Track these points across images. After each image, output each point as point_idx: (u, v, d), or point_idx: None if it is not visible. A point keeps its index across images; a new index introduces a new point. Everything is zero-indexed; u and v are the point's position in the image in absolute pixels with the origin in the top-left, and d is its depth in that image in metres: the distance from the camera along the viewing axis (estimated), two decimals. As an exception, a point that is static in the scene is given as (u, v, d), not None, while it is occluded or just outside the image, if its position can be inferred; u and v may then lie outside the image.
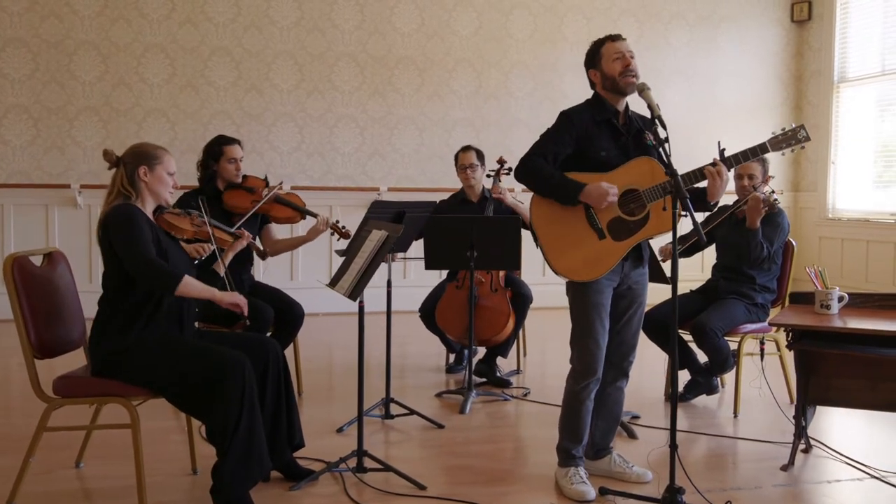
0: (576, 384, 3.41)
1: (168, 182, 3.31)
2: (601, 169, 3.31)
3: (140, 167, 3.25)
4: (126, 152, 3.33)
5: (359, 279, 3.37)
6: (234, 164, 4.62)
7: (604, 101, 3.39)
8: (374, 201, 4.45)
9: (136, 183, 3.25)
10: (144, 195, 3.29)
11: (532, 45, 8.37)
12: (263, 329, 4.38)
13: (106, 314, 3.20)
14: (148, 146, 3.35)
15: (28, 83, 7.32)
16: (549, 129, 3.38)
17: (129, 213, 3.17)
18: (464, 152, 5.46)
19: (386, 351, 4.49)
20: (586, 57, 3.44)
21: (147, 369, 3.11)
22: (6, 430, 4.18)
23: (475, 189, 5.45)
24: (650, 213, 3.32)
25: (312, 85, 7.87)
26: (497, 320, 5.11)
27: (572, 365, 3.44)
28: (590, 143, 3.32)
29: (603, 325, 3.35)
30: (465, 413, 4.62)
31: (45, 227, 7.35)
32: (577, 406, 3.42)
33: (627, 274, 3.41)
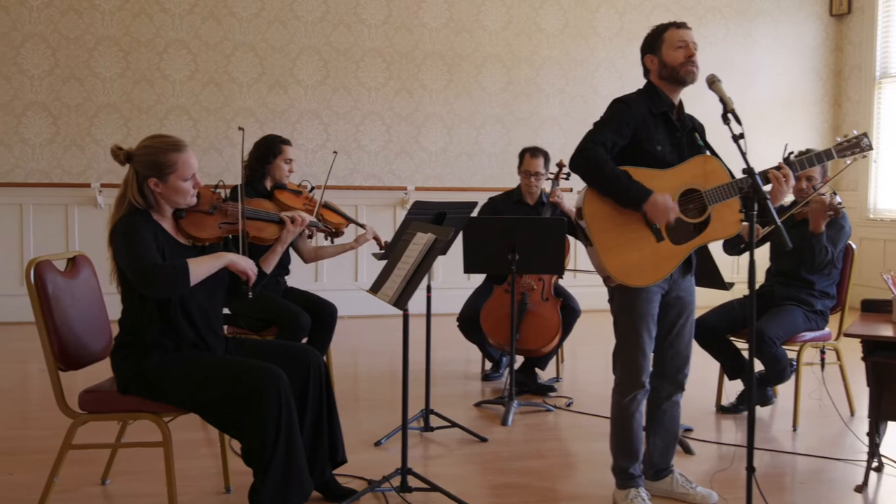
0: (623, 397, 3.17)
1: (185, 190, 2.95)
2: (655, 165, 3.07)
3: (150, 179, 2.91)
4: (137, 151, 2.94)
5: (405, 286, 3.13)
6: (289, 165, 4.48)
7: (659, 91, 3.14)
8: (415, 201, 4.20)
9: (147, 196, 2.93)
10: (160, 205, 2.97)
11: (563, 40, 8.12)
12: (300, 336, 4.16)
13: (127, 336, 2.95)
14: (160, 150, 2.91)
15: (47, 80, 7.14)
16: (603, 116, 3.12)
17: (128, 227, 2.85)
18: (532, 157, 5.14)
19: (426, 359, 4.26)
20: (645, 41, 3.19)
21: (176, 389, 2.88)
22: (27, 443, 3.97)
23: (534, 193, 5.19)
24: (711, 215, 3.07)
25: (338, 81, 7.65)
26: (546, 331, 4.87)
27: (617, 378, 3.20)
28: (647, 135, 3.08)
29: (650, 336, 3.11)
30: (508, 425, 4.38)
31: (65, 228, 7.17)
32: (627, 421, 3.17)
33: (676, 281, 3.17)
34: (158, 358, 2.89)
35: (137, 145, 2.97)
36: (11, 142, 7.10)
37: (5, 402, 4.77)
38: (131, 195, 2.91)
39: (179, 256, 2.94)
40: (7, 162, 7.10)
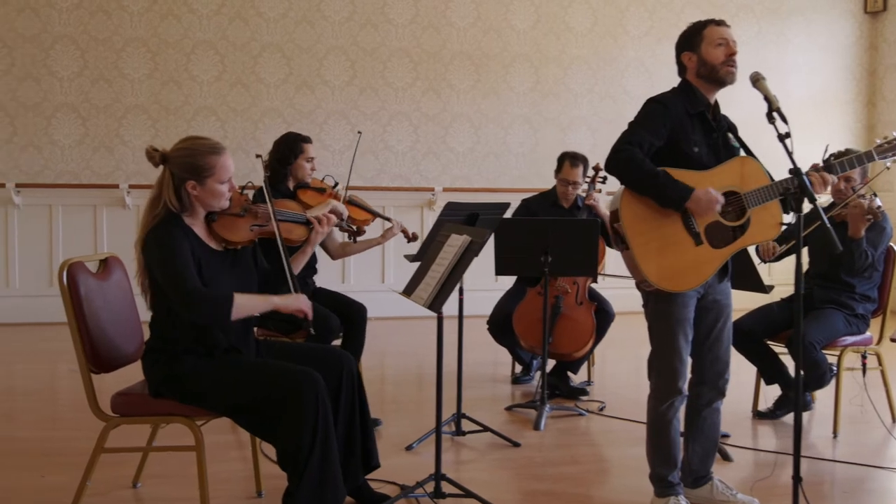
0: (660, 404, 3.09)
1: (222, 193, 2.91)
2: (692, 166, 2.98)
3: (188, 182, 2.85)
4: (174, 153, 2.89)
5: (440, 288, 3.07)
6: (311, 164, 4.40)
7: (695, 90, 3.05)
8: (447, 203, 4.16)
9: (183, 199, 2.88)
10: (195, 208, 2.92)
11: (592, 39, 8.03)
12: (329, 339, 4.11)
13: (159, 340, 2.91)
14: (198, 153, 2.85)
15: (76, 81, 7.16)
16: (637, 116, 3.03)
17: (166, 240, 2.80)
18: (572, 166, 5.03)
19: (457, 362, 4.20)
20: (682, 38, 3.11)
21: (209, 392, 2.83)
22: (58, 444, 3.95)
23: (570, 199, 5.11)
24: (751, 218, 2.99)
25: (365, 81, 7.61)
26: (580, 335, 4.80)
27: (653, 384, 3.12)
28: (683, 136, 2.99)
29: (687, 340, 3.03)
30: (540, 429, 4.31)
31: (94, 229, 7.19)
32: (665, 428, 3.10)
33: (713, 285, 3.08)
34: (191, 361, 2.86)
35: (174, 147, 2.93)
36: (41, 143, 7.12)
37: (35, 402, 4.78)
38: (167, 197, 2.86)
39: (214, 264, 2.91)
40: (37, 163, 7.13)
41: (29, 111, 7.09)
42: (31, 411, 4.60)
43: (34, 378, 5.40)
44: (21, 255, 7.10)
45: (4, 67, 7.03)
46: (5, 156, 7.07)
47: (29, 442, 3.99)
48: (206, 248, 2.93)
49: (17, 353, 6.17)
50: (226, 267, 2.97)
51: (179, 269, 2.75)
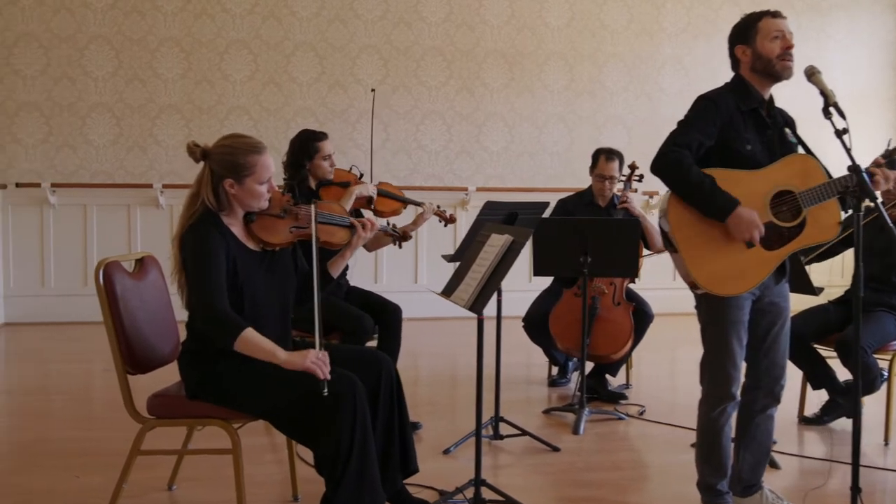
0: (711, 410, 2.98)
1: (261, 194, 2.85)
2: (745, 165, 2.87)
3: (226, 180, 2.80)
4: (214, 150, 2.84)
5: (481, 289, 2.99)
6: (329, 161, 4.29)
7: (749, 86, 2.94)
8: (486, 202, 4.07)
9: (221, 197, 2.83)
10: (233, 207, 2.87)
11: (628, 36, 7.91)
12: (363, 340, 4.05)
13: (196, 342, 2.86)
14: (239, 151, 2.80)
15: (111, 81, 7.17)
16: (687, 115, 2.93)
17: (203, 244, 2.74)
18: (607, 160, 4.95)
19: (495, 364, 4.11)
20: (735, 31, 2.99)
21: (247, 395, 2.78)
22: (93, 445, 3.93)
23: (606, 196, 5.02)
24: (807, 218, 2.87)
25: (398, 80, 7.55)
26: (618, 337, 4.70)
27: (705, 389, 3.01)
28: (735, 134, 2.87)
29: (741, 345, 2.92)
30: (579, 433, 4.22)
31: (128, 228, 7.19)
32: (716, 435, 2.99)
33: (769, 287, 2.97)
34: (228, 363, 2.80)
35: (215, 143, 2.87)
36: (76, 143, 7.15)
37: (70, 402, 4.77)
38: (205, 195, 2.81)
39: (251, 265, 2.86)
40: (72, 163, 7.15)
41: (64, 111, 7.12)
42: (65, 411, 4.59)
43: (68, 377, 5.39)
44: (56, 254, 7.12)
45: (40, 68, 7.06)
46: (41, 156, 7.10)
47: (63, 442, 3.97)
48: (243, 247, 2.87)
49: (52, 352, 6.18)
50: (262, 268, 2.91)
51: (208, 278, 2.71)
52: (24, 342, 6.54)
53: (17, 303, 7.06)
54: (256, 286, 2.85)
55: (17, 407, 4.71)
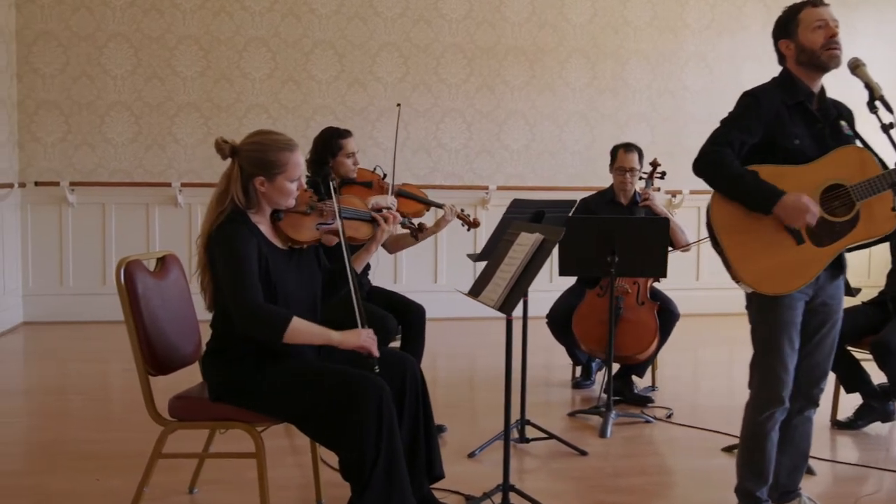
0: (758, 414, 2.88)
1: (290, 191, 2.78)
2: (793, 160, 2.77)
3: (257, 178, 2.74)
4: (244, 146, 2.77)
5: (511, 289, 2.91)
6: (352, 159, 4.22)
7: (796, 79, 2.84)
8: (513, 200, 3.99)
9: (250, 194, 2.76)
10: (262, 205, 2.80)
11: (651, 33, 7.79)
12: (387, 340, 3.97)
13: (220, 342, 2.79)
14: (270, 148, 2.74)
15: (130, 79, 7.13)
16: (730, 113, 2.85)
17: (235, 243, 2.67)
18: (626, 152, 4.89)
19: (521, 365, 4.02)
20: (777, 25, 2.90)
21: (271, 397, 2.71)
22: (112, 447, 3.87)
23: (628, 192, 4.93)
24: (860, 212, 2.76)
25: (418, 78, 7.47)
26: (642, 337, 4.61)
27: (753, 392, 2.92)
28: (781, 129, 2.78)
29: (792, 347, 2.82)
30: (607, 437, 4.13)
31: (146, 227, 7.15)
32: (761, 440, 2.89)
33: (823, 286, 2.87)
34: (253, 365, 2.73)
35: (244, 140, 2.81)
36: (95, 141, 7.11)
37: (89, 402, 4.71)
38: (234, 192, 2.74)
39: (281, 264, 2.80)
40: (90, 161, 7.12)
41: (83, 109, 7.08)
42: (84, 411, 4.54)
43: (87, 377, 5.35)
44: (75, 253, 7.09)
45: (59, 66, 7.03)
46: (60, 154, 7.07)
47: (82, 444, 3.91)
48: (273, 246, 2.81)
49: (71, 352, 6.15)
50: (292, 267, 2.86)
51: (244, 277, 2.64)
52: (42, 341, 6.51)
53: (36, 302, 7.03)
54: (288, 284, 2.79)
55: (36, 407, 4.67)
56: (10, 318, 6.81)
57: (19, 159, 7.02)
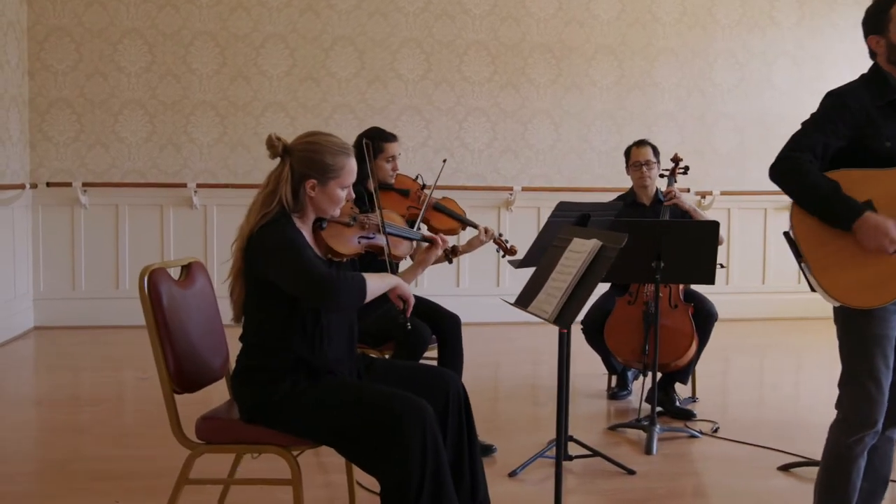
0: (846, 437, 2.63)
1: (340, 199, 2.61)
2: (884, 164, 2.54)
3: (308, 180, 2.56)
4: (297, 146, 2.58)
5: (566, 301, 2.67)
6: (392, 164, 3.99)
7: (887, 77, 2.60)
8: (559, 203, 3.76)
9: (299, 198, 2.58)
10: (307, 211, 2.62)
11: (680, 29, 7.55)
12: (421, 350, 3.74)
13: (253, 360, 2.57)
14: (327, 151, 2.57)
15: (144, 77, 6.92)
16: (813, 115, 2.62)
17: (285, 234, 2.51)
18: (637, 147, 4.77)
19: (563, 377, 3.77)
20: (867, 19, 2.65)
21: (310, 419, 2.49)
22: (131, 466, 3.65)
23: (648, 190, 4.73)
24: None
25: (440, 75, 7.25)
26: (678, 343, 4.37)
27: (841, 413, 2.67)
28: (871, 130, 2.54)
29: (887, 364, 2.58)
30: (653, 454, 3.89)
31: (160, 229, 6.94)
32: (847, 466, 2.64)
33: None
34: (289, 383, 2.51)
35: (298, 140, 2.62)
36: (108, 141, 6.91)
37: (104, 415, 4.49)
38: (284, 194, 2.54)
39: None
40: (103, 161, 6.91)
41: (96, 108, 6.88)
42: (99, 425, 4.31)
43: (102, 387, 5.13)
44: (87, 256, 6.88)
45: (72, 63, 6.82)
46: (72, 154, 6.86)
47: (99, 462, 3.69)
48: (315, 255, 2.60)
49: (84, 358, 5.94)
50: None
51: (304, 259, 2.48)
52: (54, 347, 6.30)
53: (48, 306, 6.83)
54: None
55: (48, 420, 4.46)
56: (22, 323, 6.61)
57: (30, 159, 6.82)
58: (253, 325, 2.60)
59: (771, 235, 7.66)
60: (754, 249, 7.61)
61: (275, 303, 2.54)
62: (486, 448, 3.76)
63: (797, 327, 7.19)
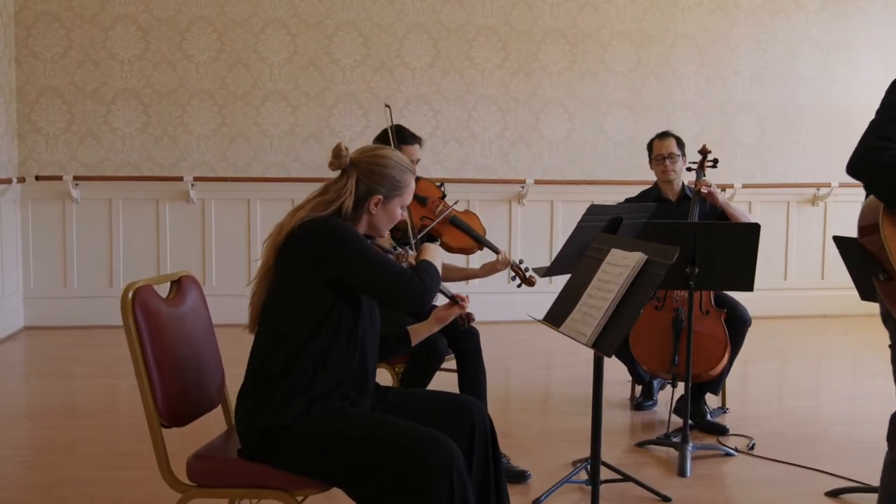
0: None
1: (396, 218, 2.46)
2: None
3: (375, 196, 2.37)
4: (364, 159, 2.39)
5: (606, 322, 2.36)
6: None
7: None
8: (590, 206, 3.44)
9: (360, 213, 2.38)
10: (360, 225, 2.42)
11: (700, 14, 7.19)
12: (437, 363, 3.42)
13: (260, 386, 2.27)
14: (396, 167, 2.40)
15: (138, 64, 6.59)
16: (882, 101, 2.30)
17: (350, 231, 2.31)
18: (660, 140, 4.46)
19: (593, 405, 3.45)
20: None
21: (317, 458, 2.19)
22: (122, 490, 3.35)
23: (674, 185, 4.43)
24: None
25: (449, 63, 6.90)
26: (711, 352, 4.07)
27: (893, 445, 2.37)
28: None
29: None
30: (687, 476, 3.59)
31: (156, 224, 6.63)
32: None
33: None
34: (304, 416, 2.22)
35: (362, 152, 2.42)
36: (101, 132, 6.58)
37: (96, 430, 4.16)
38: (346, 206, 2.33)
39: None
40: (96, 154, 6.58)
41: (87, 97, 6.55)
42: (92, 441, 3.99)
43: (94, 395, 4.83)
44: (79, 253, 6.57)
45: (61, 50, 6.49)
46: (63, 146, 6.54)
47: (88, 486, 3.39)
48: None
49: (76, 362, 5.63)
50: (366, 302, 2.40)
51: (382, 257, 2.30)
52: (45, 349, 6.00)
53: (38, 305, 6.53)
54: (366, 308, 2.39)
55: (36, 437, 4.15)
56: (11, 324, 6.31)
57: (19, 152, 6.50)
58: (264, 336, 2.31)
59: (794, 230, 7.34)
60: (777, 245, 7.28)
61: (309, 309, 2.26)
62: (518, 474, 3.47)
63: (821, 326, 6.89)
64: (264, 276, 2.33)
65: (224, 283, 6.62)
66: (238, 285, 6.63)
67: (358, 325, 2.32)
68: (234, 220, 6.63)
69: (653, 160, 4.46)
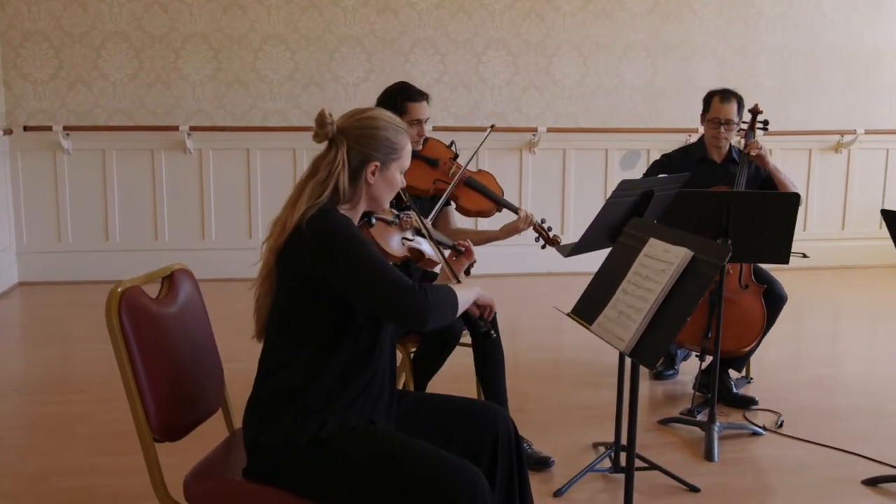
0: None
1: (398, 185, 2.17)
2: None
3: (371, 163, 2.09)
4: (351, 125, 2.10)
5: (646, 326, 2.12)
6: (418, 128, 3.36)
7: None
8: (621, 182, 3.16)
9: (358, 186, 2.09)
10: (360, 201, 2.13)
11: (723, -51, 6.78)
12: (451, 345, 3.20)
13: (274, 394, 2.04)
14: (387, 127, 2.12)
15: (128, 6, 6.21)
16: None
17: (348, 226, 2.02)
18: (722, 101, 4.04)
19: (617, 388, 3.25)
20: None
21: (332, 482, 1.98)
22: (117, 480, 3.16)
23: (722, 150, 4.12)
24: None
25: (457, 4, 6.52)
26: (748, 329, 3.85)
27: None
28: None
29: None
30: (715, 460, 3.40)
31: (152, 176, 6.35)
32: None
33: None
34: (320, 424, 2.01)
35: (347, 119, 2.12)
36: (90, 78, 6.25)
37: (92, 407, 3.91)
38: (341, 182, 2.04)
39: None
40: (87, 102, 6.26)
41: (76, 41, 6.19)
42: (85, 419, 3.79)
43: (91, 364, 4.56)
44: (73, 206, 6.31)
45: (47, -9, 6.12)
46: (51, 94, 6.22)
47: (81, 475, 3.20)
48: None
49: (72, 324, 5.42)
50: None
51: (380, 260, 2.00)
52: (40, 308, 5.80)
53: (32, 260, 6.30)
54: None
55: (28, 414, 3.95)
56: (6, 279, 6.09)
57: (5, 100, 6.18)
58: (273, 343, 2.09)
59: (815, 178, 7.06)
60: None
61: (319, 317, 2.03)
62: (541, 461, 3.28)
63: (842, 279, 6.64)
64: (269, 277, 2.08)
65: (224, 236, 6.39)
66: (238, 238, 6.39)
67: (378, 338, 2.09)
68: (233, 171, 6.34)
69: (707, 119, 4.12)
